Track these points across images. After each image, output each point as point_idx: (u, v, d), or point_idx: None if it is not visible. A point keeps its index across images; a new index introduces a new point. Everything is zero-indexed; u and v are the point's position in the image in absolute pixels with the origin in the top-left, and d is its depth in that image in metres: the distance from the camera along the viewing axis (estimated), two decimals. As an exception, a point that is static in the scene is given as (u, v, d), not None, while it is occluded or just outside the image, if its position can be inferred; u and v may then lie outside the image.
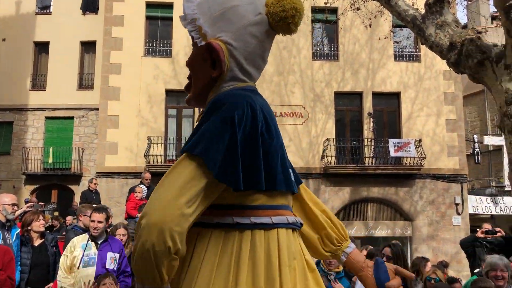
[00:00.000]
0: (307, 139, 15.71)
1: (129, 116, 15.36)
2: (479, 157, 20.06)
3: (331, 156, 15.21)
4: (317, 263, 4.49)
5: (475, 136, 20.55)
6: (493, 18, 18.58)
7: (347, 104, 16.38)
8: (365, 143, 15.70)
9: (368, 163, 15.44)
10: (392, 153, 14.98)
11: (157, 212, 1.24)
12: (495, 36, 7.15)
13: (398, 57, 16.39)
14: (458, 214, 15.64)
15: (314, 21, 16.42)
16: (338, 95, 16.13)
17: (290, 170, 1.54)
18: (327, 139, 15.46)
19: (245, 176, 1.32)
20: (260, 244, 1.34)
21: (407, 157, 15.25)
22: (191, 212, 1.27)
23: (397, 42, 15.99)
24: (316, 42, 16.68)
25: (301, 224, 1.54)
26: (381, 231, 15.44)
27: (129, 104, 15.42)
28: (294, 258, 1.40)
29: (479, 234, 6.52)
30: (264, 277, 1.31)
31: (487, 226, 6.64)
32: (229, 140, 1.30)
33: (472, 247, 6.60)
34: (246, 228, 1.35)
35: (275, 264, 1.33)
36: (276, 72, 15.91)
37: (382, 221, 15.67)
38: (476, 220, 16.45)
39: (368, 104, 16.01)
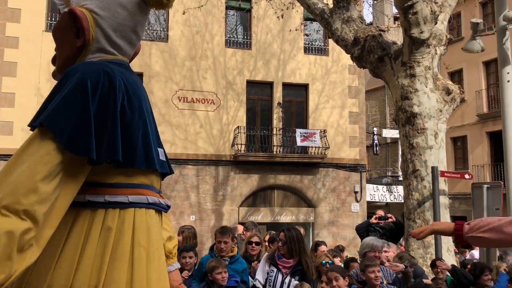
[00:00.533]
0: (218, 126, 15.70)
1: (26, 95, 14.20)
2: (377, 148, 21.51)
3: (241, 144, 15.36)
4: (211, 248, 4.50)
5: (375, 128, 21.99)
6: (396, 18, 19.87)
7: (258, 93, 16.59)
8: (274, 132, 16.06)
9: (276, 152, 15.83)
10: (299, 143, 15.49)
11: (8, 195, 1.13)
12: (396, 35, 7.64)
13: (307, 49, 16.91)
14: (357, 201, 16.64)
15: (228, 7, 16.37)
16: (250, 83, 16.28)
17: (160, 151, 1.49)
18: (238, 127, 15.57)
19: (100, 147, 1.25)
20: (112, 223, 1.30)
21: (312, 147, 15.86)
22: (51, 190, 1.18)
23: (307, 35, 16.47)
24: (230, 29, 16.65)
25: (168, 206, 1.51)
26: (286, 217, 15.97)
27: (27, 82, 14.24)
28: (157, 240, 1.38)
29: (373, 220, 6.94)
30: (111, 257, 1.27)
31: (380, 213, 7.09)
32: (80, 108, 1.23)
33: (366, 232, 7.00)
34: (99, 206, 1.30)
35: (127, 244, 1.30)
36: (188, 57, 15.64)
37: (287, 208, 16.20)
38: (372, 207, 17.64)
39: (278, 94, 16.36)
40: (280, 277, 4.24)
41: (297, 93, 16.81)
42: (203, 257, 4.49)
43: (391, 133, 21.06)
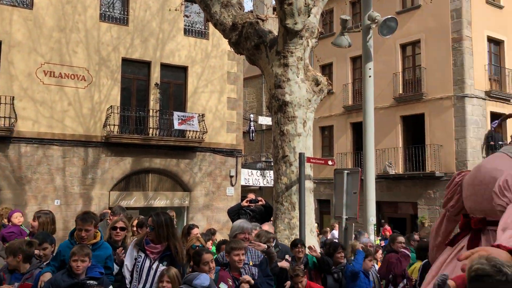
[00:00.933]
0: (88, 105, 14.73)
1: None
2: (253, 134, 22.19)
3: (114, 125, 14.63)
4: (71, 234, 4.22)
5: (252, 115, 22.62)
6: (275, 8, 20.48)
7: (134, 72, 15.91)
8: (151, 113, 15.59)
9: (152, 134, 15.40)
10: (176, 126, 15.26)
11: None
12: (274, 26, 7.81)
13: (187, 31, 16.63)
14: (232, 185, 17.00)
15: (104, -21, 15.35)
16: (126, 61, 15.53)
17: None
18: (111, 106, 14.79)
19: None
20: None
21: (190, 131, 15.74)
22: None
23: (187, 16, 16.18)
24: (106, 3, 15.63)
25: None
26: (160, 202, 15.69)
27: None
28: None
29: (244, 203, 7.12)
30: None
31: (251, 196, 7.29)
32: None
33: (237, 215, 7.15)
34: None
35: None
36: (56, 28, 14.34)
37: (162, 192, 15.92)
38: (247, 191, 18.17)
39: (156, 75, 15.87)
40: (148, 262, 4.13)
41: (176, 75, 16.49)
42: (61, 244, 4.15)
43: (266, 120, 21.83)
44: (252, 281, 4.18)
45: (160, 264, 4.12)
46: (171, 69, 16.31)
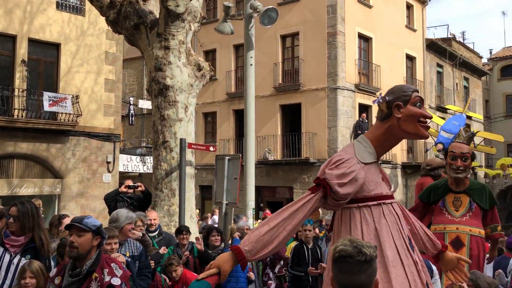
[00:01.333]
0: None
1: None
2: (133, 118, 21.39)
3: (-29, 104, 13.00)
4: None
5: (131, 98, 21.77)
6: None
7: (-4, 46, 14.26)
8: (16, 93, 14.11)
9: (18, 116, 13.99)
10: (47, 107, 14.05)
11: None
12: (156, 7, 7.52)
13: (60, 6, 15.31)
14: (109, 172, 16.22)
15: None
16: (-14, 34, 13.85)
17: None
18: (-33, 83, 13.09)
19: None
20: None
21: (62, 113, 14.61)
22: None
23: (60, -11, 14.92)
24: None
25: None
26: (28, 189, 14.38)
27: None
28: None
29: (122, 189, 6.81)
30: None
31: (128, 182, 7.01)
32: None
33: (114, 202, 6.83)
34: None
35: None
36: None
37: (29, 179, 14.59)
38: (125, 178, 17.47)
39: (22, 51, 14.38)
40: (7, 257, 3.75)
41: (47, 52, 15.11)
42: None
43: (147, 104, 21.13)
44: (124, 259, 4.01)
45: (23, 258, 3.78)
46: (41, 45, 14.90)
